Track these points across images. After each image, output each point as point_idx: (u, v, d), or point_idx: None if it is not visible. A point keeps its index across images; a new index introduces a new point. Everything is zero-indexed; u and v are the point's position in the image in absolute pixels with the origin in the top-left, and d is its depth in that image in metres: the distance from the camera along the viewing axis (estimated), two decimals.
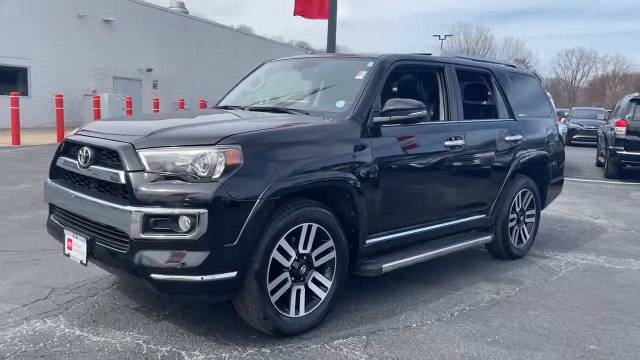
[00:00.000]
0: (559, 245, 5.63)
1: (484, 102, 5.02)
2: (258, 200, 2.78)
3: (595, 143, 17.32)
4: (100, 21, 22.62)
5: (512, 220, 4.93)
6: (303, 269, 3.11)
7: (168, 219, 2.70)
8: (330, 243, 3.22)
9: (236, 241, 2.74)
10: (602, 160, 13.01)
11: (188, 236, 2.67)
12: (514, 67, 5.30)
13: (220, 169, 2.74)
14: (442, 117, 4.23)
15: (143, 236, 2.70)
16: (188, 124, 3.40)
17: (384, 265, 3.54)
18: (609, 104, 64.50)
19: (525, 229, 5.13)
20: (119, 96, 20.33)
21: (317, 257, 3.19)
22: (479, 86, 4.90)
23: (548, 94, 5.62)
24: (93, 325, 3.16)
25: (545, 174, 5.29)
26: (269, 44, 36.85)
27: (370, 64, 3.78)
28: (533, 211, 5.20)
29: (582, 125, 21.76)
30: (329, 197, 3.27)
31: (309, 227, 3.10)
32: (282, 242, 2.96)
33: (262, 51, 32.05)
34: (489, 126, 4.60)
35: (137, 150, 2.83)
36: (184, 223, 2.69)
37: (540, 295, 4.06)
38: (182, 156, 2.78)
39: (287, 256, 3.02)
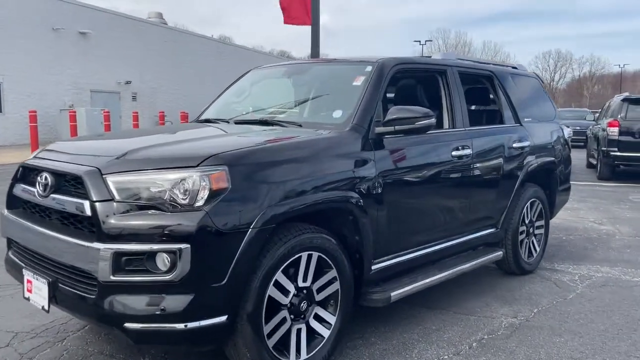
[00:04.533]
0: (569, 257, 5.29)
1: (488, 107, 4.67)
2: (250, 230, 2.37)
3: (583, 144, 17.20)
4: (76, 34, 21.99)
5: (521, 232, 4.57)
6: (303, 305, 2.69)
7: (143, 257, 2.27)
8: (333, 273, 2.81)
9: (225, 280, 2.32)
10: (593, 162, 12.81)
11: (168, 277, 2.24)
12: (516, 68, 4.97)
13: (204, 194, 2.32)
14: (446, 125, 3.86)
15: (114, 278, 2.26)
16: (165, 142, 2.95)
17: (392, 294, 3.15)
18: (587, 104, 65.29)
19: (534, 242, 4.78)
20: (97, 110, 19.73)
21: (319, 290, 2.78)
22: (482, 90, 4.55)
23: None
24: None
25: (553, 182, 4.95)
26: (250, 53, 36.46)
27: (369, 68, 3.40)
28: (542, 222, 4.86)
29: (568, 127, 21.65)
30: (330, 220, 2.87)
31: (309, 257, 2.70)
32: (279, 276, 2.55)
33: (243, 60, 31.63)
34: (496, 133, 4.24)
35: (104, 176, 2.40)
36: (163, 261, 2.26)
37: (561, 317, 3.69)
38: (159, 181, 2.36)
39: (285, 292, 2.60)
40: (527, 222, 4.63)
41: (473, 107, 4.31)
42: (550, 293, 4.21)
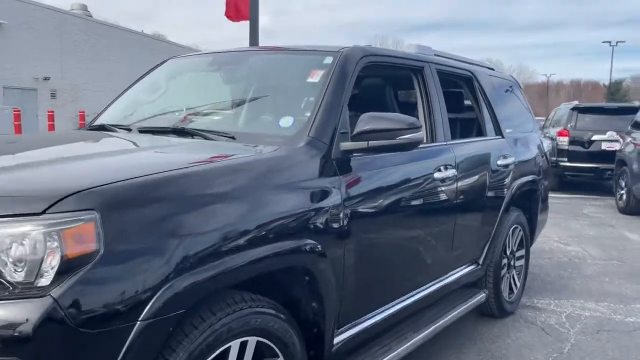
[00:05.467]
0: (546, 289, 4.59)
1: (467, 115, 3.86)
2: (138, 324, 1.37)
3: None
4: None
5: (503, 266, 3.79)
6: None
7: None
8: None
9: None
10: None
11: None
12: (493, 69, 4.20)
13: (52, 266, 1.31)
14: (424, 138, 2.99)
15: None
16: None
17: None
18: None
19: (515, 276, 4.02)
20: (7, 109, 17.66)
21: None
22: (460, 94, 3.74)
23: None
24: None
25: (534, 203, 4.22)
26: (185, 50, 34.71)
27: (329, 59, 2.46)
28: (523, 251, 4.11)
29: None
30: (275, 283, 1.91)
31: (243, 345, 1.72)
32: None
33: None
34: (481, 148, 3.42)
35: None
36: None
37: None
38: None
39: None
40: (508, 253, 3.86)
41: (452, 116, 3.47)
42: (541, 344, 3.43)
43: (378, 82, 3.17)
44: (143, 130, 2.51)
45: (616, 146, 9.52)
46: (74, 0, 27.24)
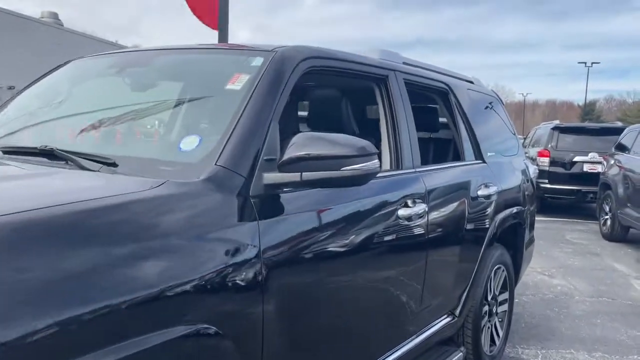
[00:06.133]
0: (531, 333, 4.02)
1: (441, 135, 3.30)
2: None
3: None
4: None
5: (484, 315, 3.20)
6: None
7: None
8: None
9: None
10: None
11: None
12: (472, 82, 3.64)
13: None
14: (386, 164, 2.39)
15: None
16: None
17: None
18: None
19: (497, 323, 3.43)
20: None
21: None
22: (434, 110, 3.17)
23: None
24: None
25: (520, 238, 3.65)
26: None
27: (258, 61, 1.85)
28: (506, 294, 3.53)
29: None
30: None
31: None
32: None
33: None
34: (458, 175, 2.84)
35: None
36: None
37: None
38: None
39: None
40: (489, 299, 3.27)
41: (422, 136, 2.89)
42: None
43: (327, 93, 2.58)
44: (8, 151, 1.86)
45: (598, 168, 9.11)
46: (44, 7, 26.37)
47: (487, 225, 3.04)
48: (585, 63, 48.24)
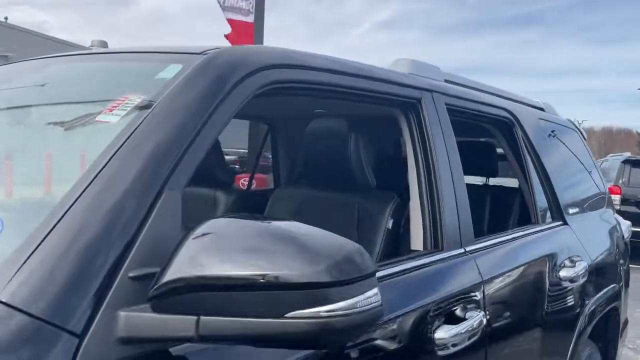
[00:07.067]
0: None
1: (499, 182, 2.34)
2: None
3: None
4: None
5: None
6: None
7: None
8: None
9: None
10: None
11: None
12: (543, 110, 2.66)
13: None
14: (419, 241, 1.46)
15: None
16: None
17: None
18: None
19: None
20: None
21: None
22: (490, 149, 2.23)
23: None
24: None
25: (614, 328, 2.60)
26: None
27: (170, 71, 0.99)
28: None
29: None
30: None
31: None
32: None
33: None
34: (531, 252, 1.86)
35: None
36: None
37: None
38: None
39: None
40: None
41: (470, 186, 1.94)
42: None
43: (323, 133, 1.69)
44: None
45: None
46: (94, 36, 27.05)
47: (573, 322, 2.03)
48: None
